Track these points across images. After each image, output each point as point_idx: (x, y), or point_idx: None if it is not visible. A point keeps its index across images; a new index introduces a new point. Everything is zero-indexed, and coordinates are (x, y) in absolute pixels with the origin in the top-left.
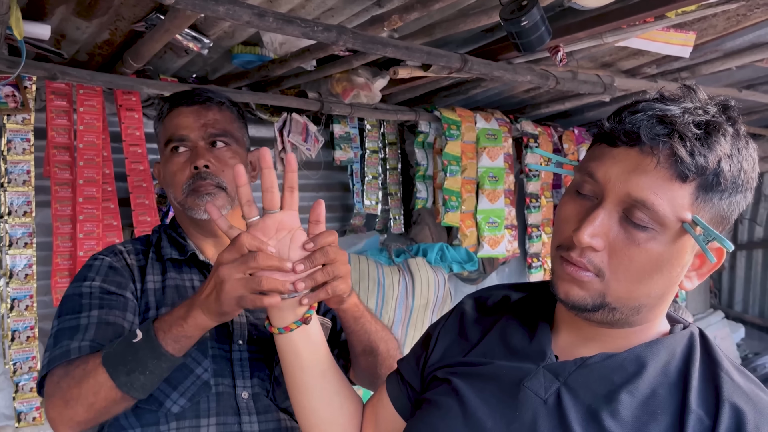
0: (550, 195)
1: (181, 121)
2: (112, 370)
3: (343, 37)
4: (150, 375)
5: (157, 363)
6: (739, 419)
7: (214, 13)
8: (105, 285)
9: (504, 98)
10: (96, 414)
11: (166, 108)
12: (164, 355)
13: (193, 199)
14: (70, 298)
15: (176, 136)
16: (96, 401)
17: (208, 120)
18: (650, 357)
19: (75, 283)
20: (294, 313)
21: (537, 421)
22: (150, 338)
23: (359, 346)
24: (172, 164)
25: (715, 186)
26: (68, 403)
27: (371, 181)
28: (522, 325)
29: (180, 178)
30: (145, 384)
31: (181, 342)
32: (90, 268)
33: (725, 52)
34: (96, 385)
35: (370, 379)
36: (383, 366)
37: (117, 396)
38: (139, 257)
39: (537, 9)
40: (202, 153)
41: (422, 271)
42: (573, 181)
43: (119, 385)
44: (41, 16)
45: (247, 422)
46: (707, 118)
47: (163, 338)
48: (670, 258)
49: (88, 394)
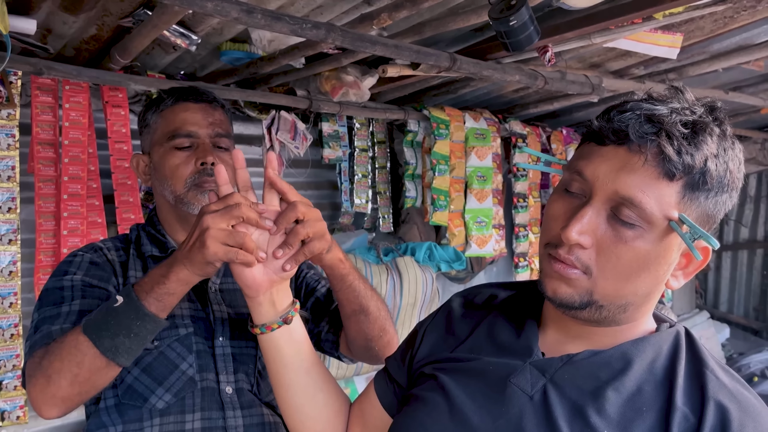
0: (538, 195)
1: (188, 117)
2: (94, 336)
3: (332, 35)
4: (134, 338)
5: (141, 324)
6: (723, 417)
7: (203, 9)
8: (87, 278)
9: (493, 98)
10: (80, 387)
11: (170, 100)
12: (147, 315)
13: (194, 193)
14: (51, 291)
15: (183, 131)
16: (80, 372)
17: (216, 119)
18: (636, 354)
19: (55, 277)
20: (275, 309)
21: (523, 416)
22: (132, 300)
23: (349, 306)
24: (174, 157)
25: (701, 185)
26: (50, 378)
27: (360, 180)
28: (509, 322)
29: (183, 171)
30: (131, 348)
31: (163, 300)
32: (70, 263)
33: (712, 54)
34: (79, 355)
35: (363, 344)
36: (375, 326)
37: (101, 364)
38: (119, 253)
39: (526, 9)
40: (210, 150)
41: (410, 270)
42: (562, 179)
43: (103, 351)
44: (27, 10)
45: (232, 417)
46: (694, 119)
47: (146, 298)
48: (657, 256)
49: (72, 366)
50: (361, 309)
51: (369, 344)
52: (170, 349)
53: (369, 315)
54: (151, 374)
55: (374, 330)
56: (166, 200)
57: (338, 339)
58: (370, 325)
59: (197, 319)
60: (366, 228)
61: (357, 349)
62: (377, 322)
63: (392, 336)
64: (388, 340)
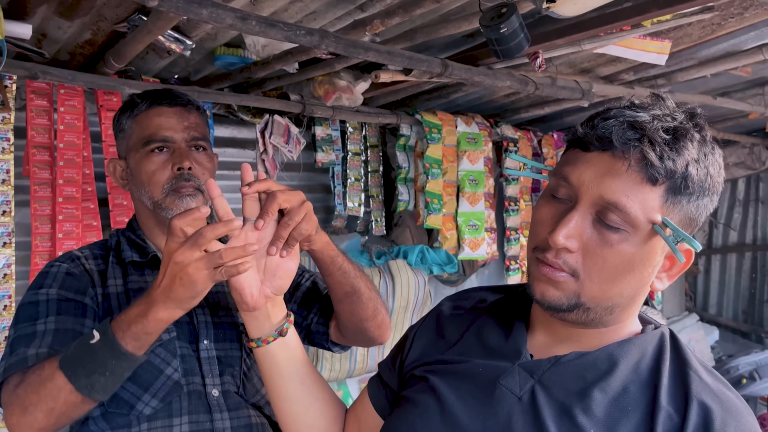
0: (529, 198)
1: (163, 122)
2: (70, 373)
3: (326, 41)
4: (111, 376)
5: (117, 363)
6: (706, 416)
7: (197, 15)
8: (62, 292)
9: (484, 102)
10: (56, 419)
11: (144, 105)
12: (124, 355)
13: (172, 199)
14: (26, 307)
15: (159, 137)
16: (56, 406)
17: (191, 123)
18: (622, 355)
19: (30, 291)
20: (270, 322)
21: (512, 417)
22: (108, 338)
23: (340, 289)
24: (150, 163)
25: (683, 189)
26: (26, 409)
27: (353, 183)
28: (498, 325)
29: (159, 177)
30: (106, 385)
31: (141, 339)
32: (46, 275)
33: (700, 60)
34: (55, 390)
35: (357, 325)
36: (367, 308)
37: (77, 399)
38: (98, 261)
39: (516, 16)
40: (187, 155)
41: (402, 273)
42: (548, 185)
43: (79, 389)
44: (23, 15)
45: (219, 419)
46: (675, 125)
47: (122, 337)
48: (642, 259)
49: (47, 399)
50: (353, 290)
51: (363, 325)
52: (154, 354)
53: (361, 296)
54: (137, 381)
55: (367, 310)
56: (144, 205)
57: (328, 328)
58: (362, 305)
59: (180, 323)
60: (359, 231)
61: (350, 332)
62: (370, 302)
63: (384, 316)
64: (381, 320)
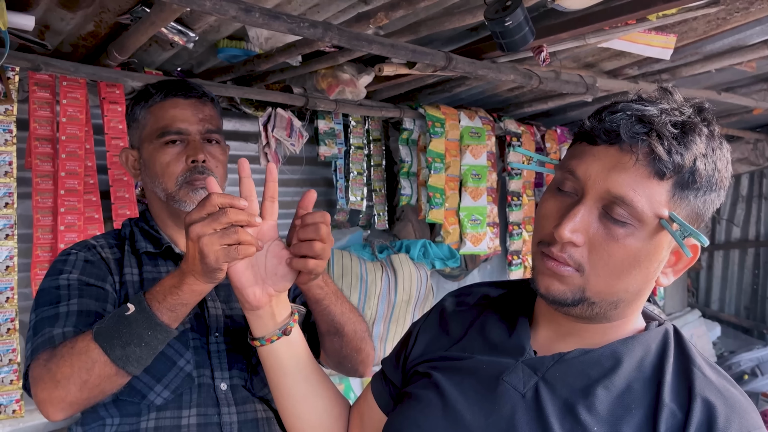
0: (532, 193)
1: (178, 113)
2: (105, 344)
3: (329, 34)
4: (146, 347)
5: (152, 334)
6: (710, 413)
7: (201, 7)
8: (83, 277)
9: (488, 96)
10: (89, 392)
11: (159, 96)
12: (160, 326)
13: (186, 191)
14: (47, 291)
15: (173, 128)
16: (90, 378)
17: (205, 115)
18: (626, 353)
19: (50, 276)
20: (274, 321)
21: (515, 414)
22: (144, 309)
23: (323, 326)
24: (164, 155)
25: (690, 184)
26: (59, 383)
27: (356, 177)
28: (502, 321)
29: (174, 169)
30: (141, 357)
31: (177, 310)
32: (65, 262)
33: (705, 55)
34: (89, 362)
35: (337, 359)
36: (349, 347)
37: (112, 371)
38: (114, 250)
39: (521, 9)
40: (201, 147)
41: (405, 268)
42: (554, 178)
43: (114, 360)
44: (25, 6)
45: (227, 413)
46: (683, 119)
47: (158, 308)
48: (648, 254)
49: (81, 372)
50: (335, 331)
51: (343, 361)
52: (168, 346)
53: (343, 336)
54: (150, 371)
55: (347, 350)
56: (158, 197)
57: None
58: (344, 345)
59: (193, 315)
60: (361, 225)
61: (332, 363)
62: (351, 343)
63: (367, 354)
64: (362, 359)
